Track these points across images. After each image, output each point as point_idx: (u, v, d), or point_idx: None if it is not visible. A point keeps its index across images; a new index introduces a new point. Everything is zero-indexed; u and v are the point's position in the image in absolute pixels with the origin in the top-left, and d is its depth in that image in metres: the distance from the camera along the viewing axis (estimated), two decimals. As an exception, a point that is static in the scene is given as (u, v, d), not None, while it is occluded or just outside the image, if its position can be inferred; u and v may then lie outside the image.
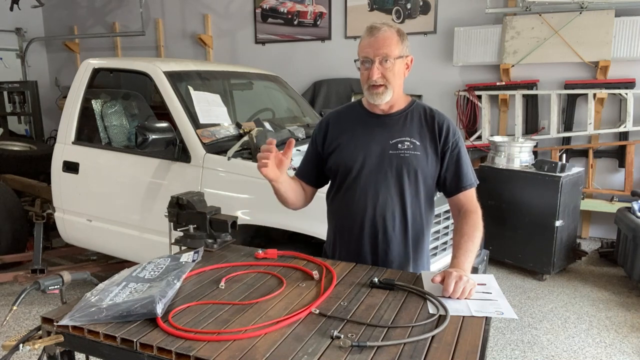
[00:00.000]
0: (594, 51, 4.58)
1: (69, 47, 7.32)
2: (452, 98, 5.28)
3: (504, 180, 4.18)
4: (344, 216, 1.79)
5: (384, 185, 1.69)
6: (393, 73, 1.61)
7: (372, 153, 1.69)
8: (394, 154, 1.67)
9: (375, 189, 1.70)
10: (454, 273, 1.42)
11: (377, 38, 1.60)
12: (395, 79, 1.63)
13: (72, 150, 3.47)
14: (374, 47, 1.60)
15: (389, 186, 1.69)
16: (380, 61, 1.60)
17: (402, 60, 1.63)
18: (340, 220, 1.82)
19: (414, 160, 1.66)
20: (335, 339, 1.16)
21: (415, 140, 1.67)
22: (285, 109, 4.11)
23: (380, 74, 1.61)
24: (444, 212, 2.72)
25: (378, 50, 1.59)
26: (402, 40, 1.63)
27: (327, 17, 5.77)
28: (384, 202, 1.70)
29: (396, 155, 1.67)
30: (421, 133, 1.69)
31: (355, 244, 1.77)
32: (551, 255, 3.97)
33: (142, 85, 3.62)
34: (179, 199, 1.82)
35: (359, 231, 1.74)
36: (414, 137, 1.67)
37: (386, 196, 1.69)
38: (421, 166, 1.67)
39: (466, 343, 1.17)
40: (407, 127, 1.69)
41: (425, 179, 1.69)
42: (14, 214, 4.19)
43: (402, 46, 1.62)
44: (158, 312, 1.23)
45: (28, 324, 3.36)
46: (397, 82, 1.64)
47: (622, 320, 3.39)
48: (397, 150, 1.67)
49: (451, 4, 5.22)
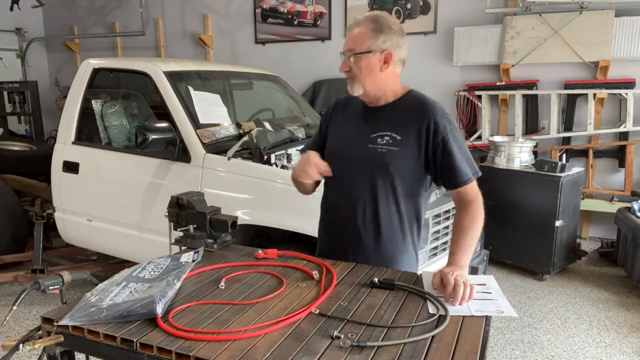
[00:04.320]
0: (594, 51, 4.58)
1: (69, 47, 7.32)
2: (452, 98, 5.28)
3: (504, 180, 4.18)
4: (324, 206, 1.84)
5: (358, 179, 1.69)
6: (359, 68, 1.62)
7: (353, 145, 1.70)
8: (371, 148, 1.66)
9: (350, 181, 1.71)
10: (450, 279, 1.39)
11: (351, 33, 1.64)
12: (363, 74, 1.62)
13: (72, 150, 3.47)
14: (346, 41, 1.65)
15: (363, 180, 1.68)
16: (348, 55, 1.63)
17: (373, 55, 1.60)
18: (322, 211, 1.85)
19: (389, 156, 1.63)
20: (335, 339, 1.16)
21: (396, 135, 1.63)
22: (285, 109, 4.11)
23: (348, 67, 1.64)
24: (444, 212, 2.72)
25: (347, 45, 1.64)
26: (377, 34, 1.59)
27: (327, 17, 5.77)
28: (356, 195, 1.70)
29: (373, 150, 1.65)
30: (407, 128, 1.63)
31: (331, 235, 1.80)
32: (551, 255, 3.97)
33: (142, 85, 3.62)
34: (179, 199, 1.82)
35: (334, 223, 1.78)
36: (397, 131, 1.64)
37: (358, 190, 1.70)
38: (396, 163, 1.63)
39: (466, 343, 1.17)
40: (393, 120, 1.66)
41: (402, 175, 1.65)
42: (14, 214, 4.19)
43: (374, 41, 1.59)
44: (158, 312, 1.23)
45: (28, 324, 3.36)
46: (366, 76, 1.62)
47: (622, 320, 3.39)
48: (375, 145, 1.65)
49: (451, 4, 5.22)
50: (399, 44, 1.62)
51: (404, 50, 1.65)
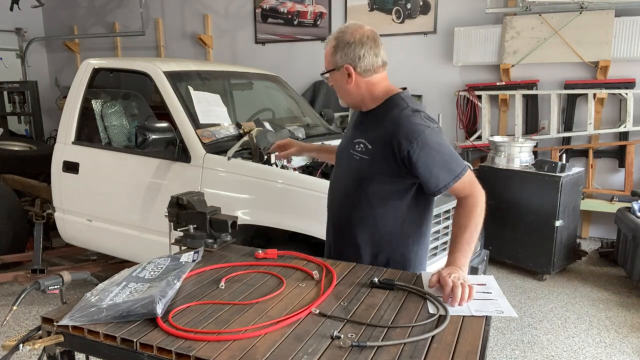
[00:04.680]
0: (594, 51, 4.58)
1: (69, 47, 7.32)
2: (452, 98, 5.29)
3: (504, 180, 4.18)
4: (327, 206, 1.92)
5: (342, 182, 1.78)
6: (334, 84, 1.72)
7: (344, 148, 1.79)
8: (351, 154, 1.70)
9: (337, 183, 1.82)
10: (448, 280, 1.38)
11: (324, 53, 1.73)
12: (337, 88, 1.72)
13: (72, 150, 3.47)
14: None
15: (347, 184, 1.75)
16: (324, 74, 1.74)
17: (337, 72, 1.67)
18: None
19: (360, 164, 1.66)
20: (335, 339, 1.16)
21: (368, 144, 1.64)
22: (285, 109, 4.11)
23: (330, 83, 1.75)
24: (444, 212, 2.72)
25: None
26: (335, 52, 1.65)
27: (327, 17, 5.78)
28: (340, 197, 1.79)
29: (352, 156, 1.69)
30: (376, 139, 1.63)
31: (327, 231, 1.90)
32: (551, 255, 3.97)
33: (142, 85, 3.62)
34: (179, 199, 1.82)
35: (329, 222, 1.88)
36: (369, 139, 1.65)
37: (343, 192, 1.78)
38: (365, 171, 1.65)
39: (466, 343, 1.17)
40: (368, 129, 1.68)
41: (373, 182, 1.65)
42: (14, 214, 4.19)
43: (334, 58, 1.65)
44: (158, 312, 1.23)
45: (28, 324, 3.36)
46: (340, 91, 1.72)
47: (622, 320, 3.39)
48: (354, 151, 1.69)
49: (451, 4, 5.22)
50: (358, 55, 1.62)
51: (369, 58, 1.63)
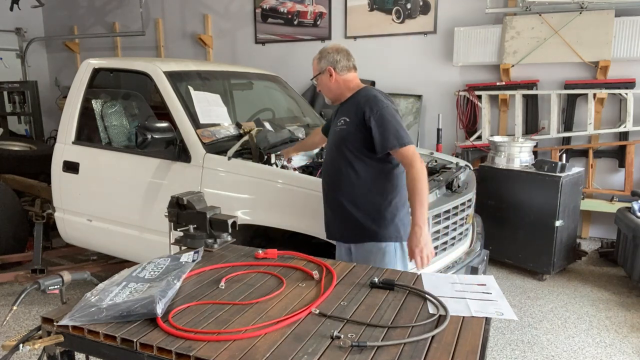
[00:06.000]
0: (594, 51, 4.58)
1: (69, 47, 7.32)
2: (452, 98, 5.28)
3: (504, 180, 4.18)
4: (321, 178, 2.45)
5: (330, 152, 2.35)
6: (320, 85, 2.40)
7: (331, 130, 2.40)
8: (336, 129, 2.32)
9: (326, 155, 2.40)
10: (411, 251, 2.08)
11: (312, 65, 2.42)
12: (322, 88, 2.39)
13: (72, 150, 3.46)
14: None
15: (332, 150, 2.33)
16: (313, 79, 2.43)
17: (322, 74, 2.35)
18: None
19: (343, 133, 2.26)
20: (335, 339, 1.16)
21: (347, 119, 2.26)
22: (285, 109, 4.11)
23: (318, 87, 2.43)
24: (444, 212, 2.72)
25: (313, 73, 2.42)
26: (319, 61, 2.35)
27: (327, 17, 5.77)
28: (328, 162, 2.36)
29: (337, 129, 2.30)
30: (352, 114, 2.26)
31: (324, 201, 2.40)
32: (551, 255, 3.97)
33: (142, 85, 3.61)
34: (179, 199, 1.82)
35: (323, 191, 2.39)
36: (349, 116, 2.27)
37: (329, 157, 2.35)
38: (347, 137, 2.25)
39: (466, 343, 1.17)
40: (348, 110, 2.30)
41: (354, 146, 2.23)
42: (14, 214, 4.19)
43: (319, 65, 2.35)
44: (158, 312, 1.23)
45: (28, 324, 3.36)
46: (324, 89, 2.39)
47: (622, 320, 3.39)
48: (337, 126, 2.30)
49: (451, 4, 5.22)
50: (336, 59, 2.32)
51: (343, 61, 2.33)
